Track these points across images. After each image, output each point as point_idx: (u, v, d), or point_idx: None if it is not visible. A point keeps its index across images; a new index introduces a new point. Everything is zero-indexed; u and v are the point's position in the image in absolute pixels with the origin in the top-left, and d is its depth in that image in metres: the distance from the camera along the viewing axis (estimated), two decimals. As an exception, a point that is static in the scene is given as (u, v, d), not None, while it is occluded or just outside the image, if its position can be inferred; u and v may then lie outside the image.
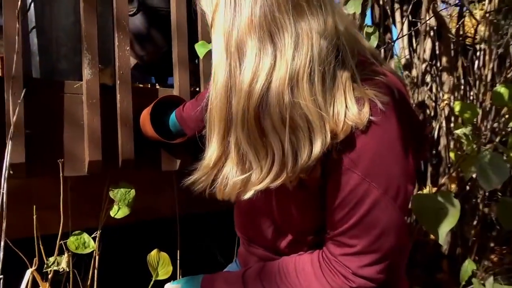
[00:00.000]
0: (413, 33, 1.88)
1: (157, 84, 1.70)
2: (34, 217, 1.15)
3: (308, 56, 0.63)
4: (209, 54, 1.33)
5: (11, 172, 1.00)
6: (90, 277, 1.31)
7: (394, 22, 1.94)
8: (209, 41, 1.14)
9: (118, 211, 1.26)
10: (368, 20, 1.95)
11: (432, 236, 1.48)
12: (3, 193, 0.95)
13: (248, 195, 0.69)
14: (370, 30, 1.07)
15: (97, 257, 1.31)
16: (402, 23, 1.89)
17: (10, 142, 1.04)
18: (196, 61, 1.53)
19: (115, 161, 1.23)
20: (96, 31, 1.17)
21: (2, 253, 0.97)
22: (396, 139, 0.68)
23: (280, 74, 0.62)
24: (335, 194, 0.69)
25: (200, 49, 1.08)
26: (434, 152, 1.57)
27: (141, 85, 1.44)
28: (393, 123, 0.68)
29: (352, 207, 0.68)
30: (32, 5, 1.18)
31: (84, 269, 1.36)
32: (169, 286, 0.85)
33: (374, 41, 1.07)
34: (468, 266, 1.14)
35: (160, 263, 1.34)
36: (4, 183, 0.96)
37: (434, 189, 1.50)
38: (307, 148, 0.64)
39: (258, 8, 0.61)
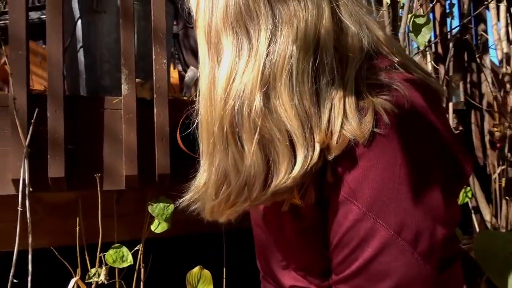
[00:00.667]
0: (513, 21, 1.54)
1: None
2: (77, 228, 1.21)
3: (288, 50, 0.51)
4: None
5: (30, 189, 1.04)
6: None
7: (487, 8, 1.61)
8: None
9: (158, 226, 1.26)
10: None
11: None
12: (27, 206, 0.99)
13: (222, 219, 0.60)
14: (422, 20, 0.87)
15: (142, 270, 1.32)
16: (499, 9, 1.55)
17: (49, 155, 1.09)
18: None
19: (153, 175, 1.22)
20: (133, 46, 1.17)
21: (30, 265, 1.01)
22: (416, 161, 0.51)
23: (252, 75, 0.51)
24: (334, 229, 0.55)
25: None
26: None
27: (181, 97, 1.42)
28: (408, 140, 0.51)
29: (353, 249, 0.53)
30: (80, 25, 1.24)
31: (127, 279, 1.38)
32: None
33: (426, 35, 0.86)
34: None
35: (200, 281, 1.30)
36: (26, 201, 1.01)
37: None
38: (285, 164, 0.52)
39: None
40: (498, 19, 1.54)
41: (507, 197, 1.29)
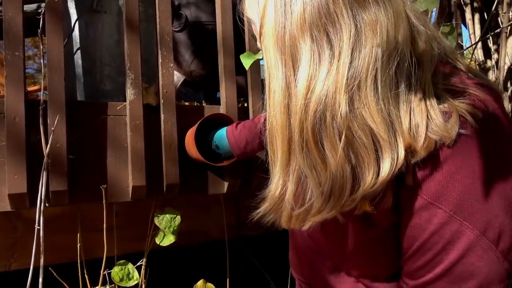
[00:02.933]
0: (489, 31, 1.64)
1: (203, 102, 1.63)
2: (78, 245, 1.11)
3: (373, 55, 0.50)
4: (255, 65, 1.23)
5: (46, 204, 0.95)
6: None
7: (463, 20, 1.72)
8: (255, 52, 1.03)
9: (163, 239, 1.19)
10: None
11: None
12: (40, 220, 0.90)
13: (306, 226, 0.58)
14: (447, 29, 0.90)
15: (143, 286, 1.24)
16: (474, 21, 1.66)
17: (44, 171, 1.00)
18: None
19: (160, 185, 1.15)
20: (139, 49, 1.11)
21: (41, 278, 0.92)
22: (498, 162, 0.53)
23: (335, 80, 0.50)
24: (413, 235, 0.55)
25: (246, 60, 0.97)
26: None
27: (186, 103, 1.37)
28: (490, 142, 0.53)
29: (438, 252, 0.53)
30: (77, 26, 1.15)
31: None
32: None
33: (452, 43, 0.90)
34: None
35: (207, 294, 1.25)
36: (40, 217, 0.92)
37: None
38: (372, 168, 0.51)
39: (309, 2, 0.50)
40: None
41: None
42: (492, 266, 0.51)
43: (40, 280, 0.93)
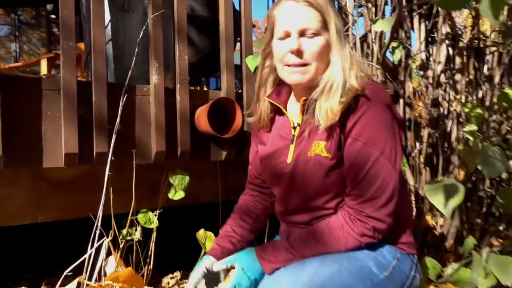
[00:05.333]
0: (429, 38, 2.07)
1: (204, 87, 1.94)
2: (111, 196, 1.41)
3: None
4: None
5: (113, 158, 1.24)
6: (151, 248, 1.56)
7: (412, 27, 2.13)
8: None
9: (175, 194, 1.51)
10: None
11: (441, 222, 1.70)
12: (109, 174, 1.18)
13: None
14: (395, 44, 1.28)
15: (154, 234, 1.56)
16: (420, 29, 2.08)
17: (95, 134, 1.28)
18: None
19: (175, 151, 1.47)
20: (161, 43, 1.40)
21: (99, 222, 1.21)
22: (389, 111, 0.92)
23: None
24: (348, 159, 0.92)
25: (251, 62, 1.30)
26: (446, 145, 1.77)
27: (192, 88, 1.67)
28: (385, 101, 0.93)
29: (361, 164, 0.90)
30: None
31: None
32: (226, 261, 0.96)
33: (398, 54, 1.28)
34: (470, 241, 1.36)
35: (207, 239, 1.59)
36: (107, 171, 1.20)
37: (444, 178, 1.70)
38: None
39: None
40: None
41: (426, 167, 1.81)
42: (388, 171, 0.89)
43: (99, 214, 1.22)
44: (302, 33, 0.91)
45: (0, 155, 1.15)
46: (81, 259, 1.17)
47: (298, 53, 0.91)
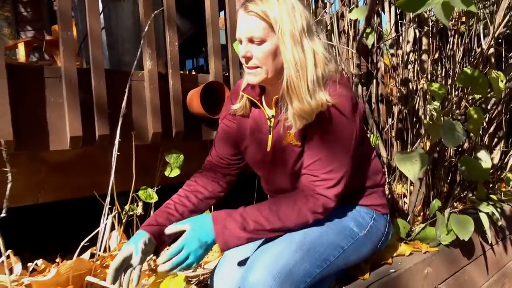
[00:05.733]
0: (399, 21, 2.22)
1: (193, 71, 2.03)
2: (112, 175, 1.51)
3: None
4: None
5: (119, 139, 1.34)
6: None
7: (383, 10, 2.28)
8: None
9: (171, 172, 1.63)
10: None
11: (410, 189, 1.90)
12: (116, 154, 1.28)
13: None
14: (369, 30, 1.42)
15: (152, 207, 1.69)
16: (390, 12, 2.23)
17: (96, 117, 1.38)
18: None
19: (170, 132, 1.58)
20: (153, 31, 1.49)
21: (108, 198, 1.33)
22: (348, 113, 1.00)
23: None
24: (308, 142, 1.03)
25: (237, 47, 1.41)
26: (415, 119, 1.96)
27: (181, 72, 1.77)
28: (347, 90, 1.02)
29: (317, 149, 1.01)
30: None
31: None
32: (177, 225, 0.96)
33: (371, 39, 1.43)
34: (435, 204, 1.56)
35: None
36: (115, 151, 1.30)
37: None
38: None
39: None
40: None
41: (397, 141, 2.00)
42: (343, 158, 1.00)
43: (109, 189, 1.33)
44: (251, 40, 0.96)
45: (11, 140, 1.23)
46: (94, 232, 1.28)
47: (247, 58, 0.98)
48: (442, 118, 1.40)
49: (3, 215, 0.94)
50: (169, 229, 0.97)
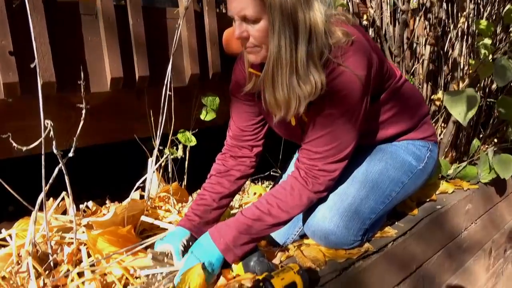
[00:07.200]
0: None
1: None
2: (151, 118, 1.48)
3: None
4: None
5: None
6: (186, 166, 1.68)
7: None
8: None
9: (207, 115, 1.61)
10: None
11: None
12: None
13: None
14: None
15: (188, 151, 1.68)
16: None
17: (136, 58, 1.32)
18: None
19: (206, 73, 1.53)
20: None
21: (158, 140, 1.31)
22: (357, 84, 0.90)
23: None
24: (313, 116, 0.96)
25: None
26: (448, 60, 1.91)
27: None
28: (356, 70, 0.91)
29: (322, 125, 0.93)
30: None
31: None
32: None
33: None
34: (476, 143, 1.56)
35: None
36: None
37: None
38: None
39: None
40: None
41: (428, 82, 1.97)
42: (348, 135, 0.93)
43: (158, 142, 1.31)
44: (244, 19, 0.86)
45: (54, 81, 1.19)
46: (144, 177, 1.28)
47: (243, 39, 0.88)
48: (490, 56, 1.36)
49: (71, 154, 0.91)
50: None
